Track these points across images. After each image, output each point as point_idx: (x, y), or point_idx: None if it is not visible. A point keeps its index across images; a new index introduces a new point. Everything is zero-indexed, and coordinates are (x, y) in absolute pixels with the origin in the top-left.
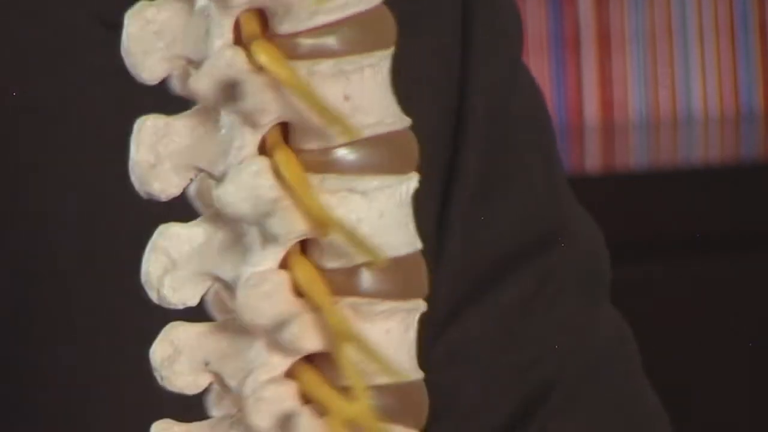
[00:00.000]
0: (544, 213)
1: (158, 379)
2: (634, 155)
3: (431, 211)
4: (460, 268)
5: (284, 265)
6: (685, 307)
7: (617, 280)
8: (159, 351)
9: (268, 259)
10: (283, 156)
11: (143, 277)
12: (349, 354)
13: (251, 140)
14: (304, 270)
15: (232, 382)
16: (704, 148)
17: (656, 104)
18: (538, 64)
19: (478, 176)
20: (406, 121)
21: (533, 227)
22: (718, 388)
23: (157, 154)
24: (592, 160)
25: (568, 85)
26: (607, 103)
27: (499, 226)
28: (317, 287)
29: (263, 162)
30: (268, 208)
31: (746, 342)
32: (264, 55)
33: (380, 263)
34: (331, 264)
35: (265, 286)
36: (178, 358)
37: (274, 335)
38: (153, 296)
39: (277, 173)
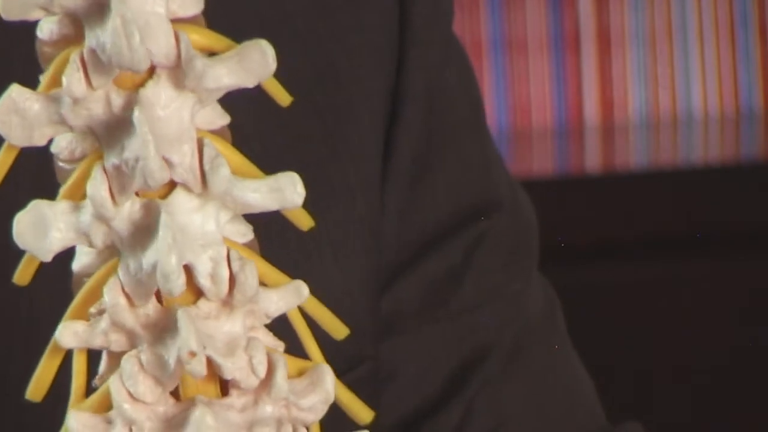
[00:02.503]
0: (476, 185)
1: None
2: (634, 155)
3: (375, 188)
4: (396, 243)
5: None
6: (686, 306)
7: (617, 280)
8: None
9: None
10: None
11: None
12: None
13: None
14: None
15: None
16: (704, 148)
17: (656, 104)
18: (538, 64)
19: (414, 154)
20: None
21: (465, 199)
22: (719, 387)
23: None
24: (592, 160)
25: (568, 85)
26: (607, 103)
27: (433, 200)
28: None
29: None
30: None
31: (747, 341)
32: None
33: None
34: None
35: None
36: None
37: None
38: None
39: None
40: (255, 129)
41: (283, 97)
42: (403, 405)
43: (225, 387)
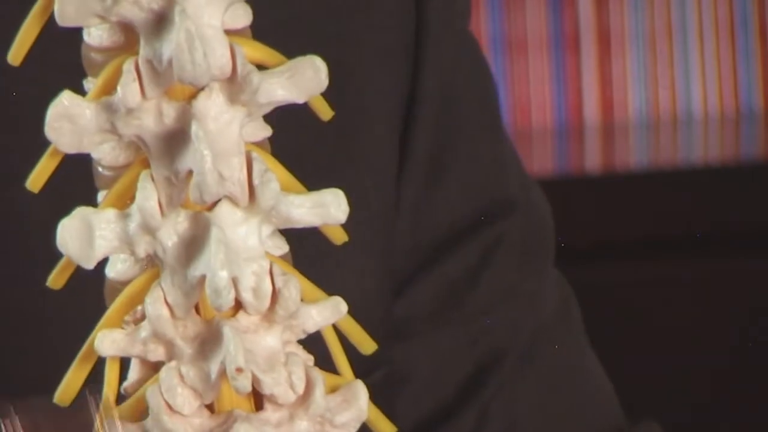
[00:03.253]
0: (491, 185)
1: None
2: (634, 155)
3: (389, 191)
4: (411, 246)
5: None
6: (686, 307)
7: (617, 280)
8: None
9: None
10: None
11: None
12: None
13: None
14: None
15: None
16: (704, 148)
17: (656, 104)
18: (538, 64)
19: (428, 155)
20: None
21: (480, 200)
22: (719, 387)
23: None
24: (592, 160)
25: (568, 85)
26: (607, 103)
27: (448, 201)
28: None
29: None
30: None
31: (747, 341)
32: None
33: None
34: None
35: None
36: None
37: None
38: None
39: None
40: None
41: (325, 111)
42: (418, 409)
43: (258, 401)
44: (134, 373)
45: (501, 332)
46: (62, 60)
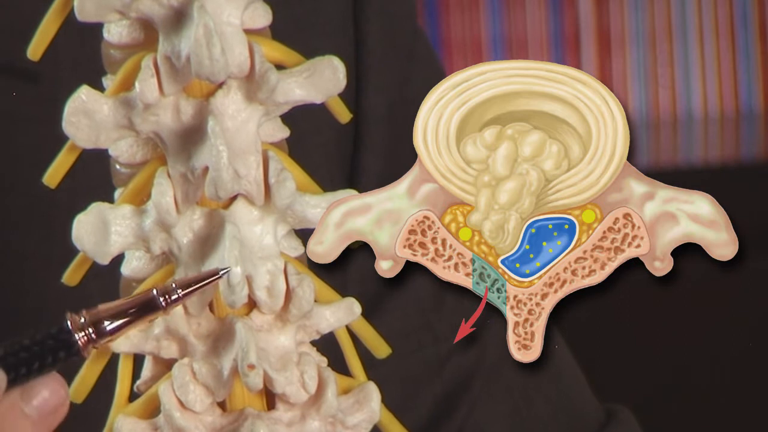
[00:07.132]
0: None
1: None
2: (635, 155)
3: None
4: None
5: None
6: (685, 307)
7: (618, 280)
8: None
9: None
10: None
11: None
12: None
13: None
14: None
15: None
16: (704, 148)
17: (656, 104)
18: None
19: (380, 174)
20: None
21: None
22: (719, 387)
23: None
24: None
25: None
26: None
27: None
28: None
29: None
30: None
31: (746, 342)
32: None
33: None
34: None
35: None
36: None
37: None
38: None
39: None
40: None
41: (343, 114)
42: None
43: (270, 400)
44: (147, 370)
45: (470, 351)
46: None
